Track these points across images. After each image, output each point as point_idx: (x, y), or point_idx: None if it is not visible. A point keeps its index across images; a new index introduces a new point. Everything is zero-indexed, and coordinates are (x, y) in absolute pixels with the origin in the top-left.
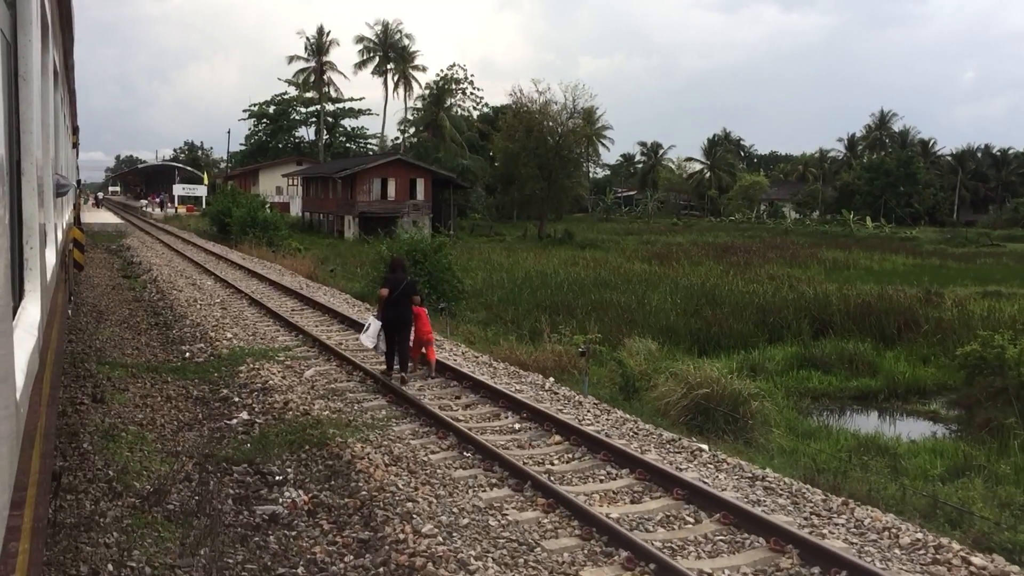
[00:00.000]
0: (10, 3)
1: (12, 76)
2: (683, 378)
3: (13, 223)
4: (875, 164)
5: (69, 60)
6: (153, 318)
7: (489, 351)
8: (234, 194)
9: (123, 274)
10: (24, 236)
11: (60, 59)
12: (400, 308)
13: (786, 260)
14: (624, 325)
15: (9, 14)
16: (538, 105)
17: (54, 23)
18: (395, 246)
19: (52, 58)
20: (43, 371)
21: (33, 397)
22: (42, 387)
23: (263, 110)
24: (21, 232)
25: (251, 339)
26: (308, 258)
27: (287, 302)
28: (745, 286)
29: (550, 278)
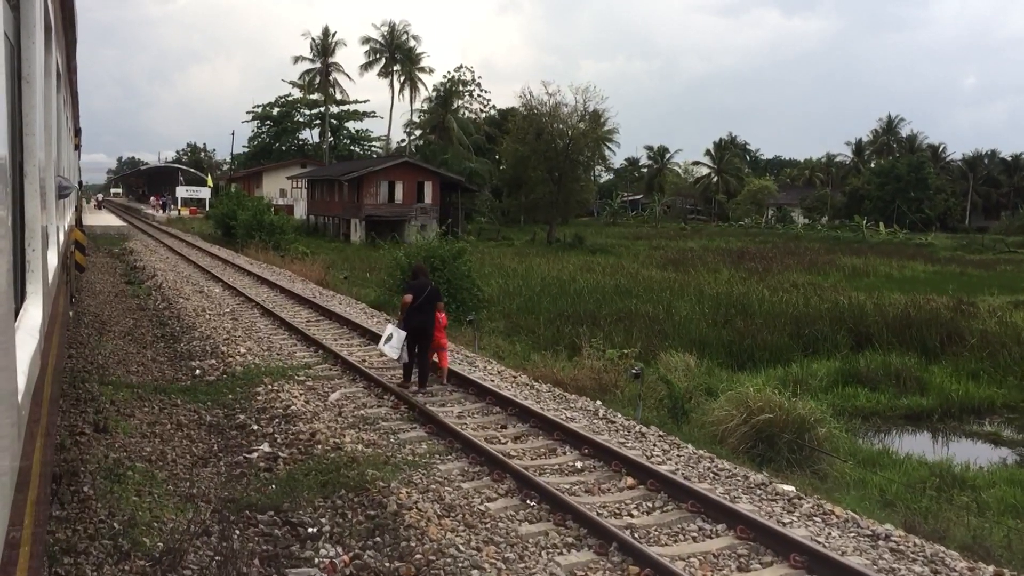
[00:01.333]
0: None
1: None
2: (742, 402)
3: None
4: (885, 169)
5: (72, 62)
6: (159, 329)
7: (522, 367)
8: (239, 197)
9: (126, 280)
10: (26, 238)
11: (63, 61)
12: (425, 315)
13: (804, 267)
14: (654, 337)
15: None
16: (548, 107)
17: (57, 25)
18: (413, 252)
19: (55, 60)
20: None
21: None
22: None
23: (267, 112)
24: (23, 234)
25: (266, 355)
26: (317, 263)
27: (301, 312)
28: (772, 295)
29: (568, 285)
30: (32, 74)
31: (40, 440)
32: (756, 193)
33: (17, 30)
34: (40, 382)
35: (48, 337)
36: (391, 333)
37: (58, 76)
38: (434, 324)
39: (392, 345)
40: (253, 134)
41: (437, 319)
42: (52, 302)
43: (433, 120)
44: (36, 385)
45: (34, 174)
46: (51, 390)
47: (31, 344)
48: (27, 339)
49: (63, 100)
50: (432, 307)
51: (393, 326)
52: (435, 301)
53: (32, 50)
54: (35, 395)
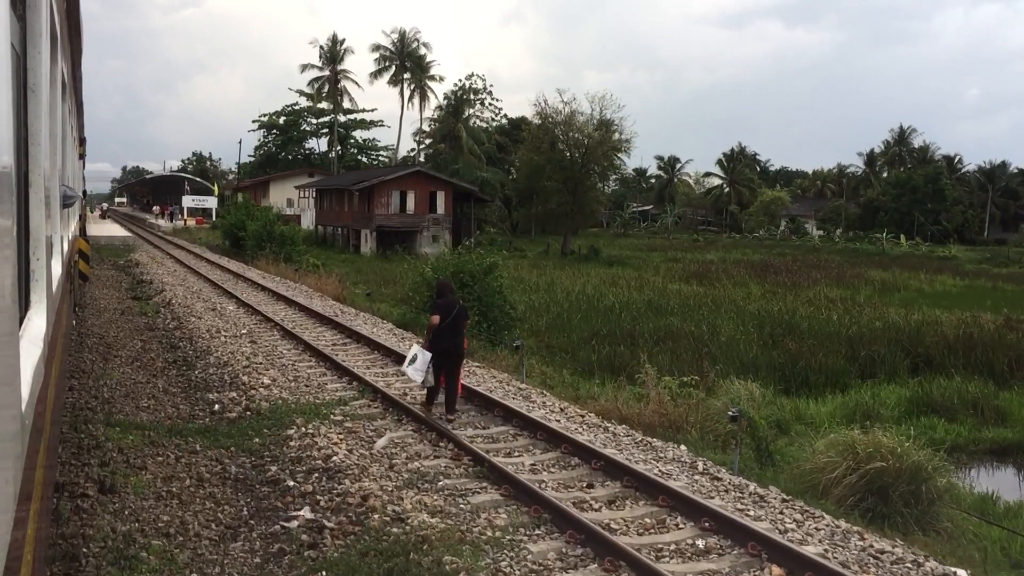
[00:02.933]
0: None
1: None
2: (848, 447)
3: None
4: (901, 180)
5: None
6: (170, 352)
7: (578, 399)
8: (248, 206)
9: (132, 295)
10: (31, 247)
11: (68, 70)
12: (454, 337)
13: (832, 280)
14: (702, 360)
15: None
16: (563, 116)
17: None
18: (441, 267)
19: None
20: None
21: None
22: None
23: (273, 120)
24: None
25: (293, 386)
26: (333, 277)
27: (324, 333)
28: (815, 312)
29: (595, 301)
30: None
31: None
32: (769, 204)
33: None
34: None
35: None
36: (415, 354)
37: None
38: (463, 345)
39: (416, 368)
40: (259, 143)
41: None
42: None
43: (443, 129)
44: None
45: (39, 183)
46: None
47: (35, 353)
48: (31, 348)
49: (68, 109)
50: (461, 328)
51: (418, 347)
52: (463, 320)
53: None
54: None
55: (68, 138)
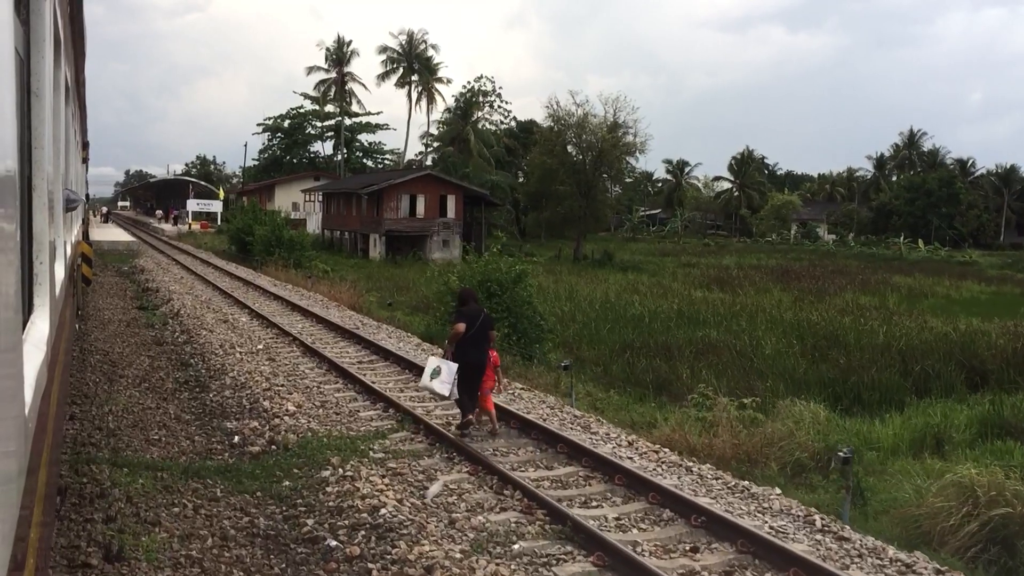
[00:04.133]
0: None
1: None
2: (966, 491)
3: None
4: (915, 184)
5: (80, 76)
6: (180, 371)
7: (631, 423)
8: (255, 211)
9: (138, 304)
10: (34, 251)
11: (72, 74)
12: (480, 348)
13: (857, 287)
14: (750, 376)
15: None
16: (576, 118)
17: (66, 39)
18: (468, 275)
19: (64, 74)
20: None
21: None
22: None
23: (277, 124)
24: (31, 247)
25: (322, 414)
26: (347, 285)
27: (348, 349)
28: (853, 321)
29: (620, 308)
30: (41, 88)
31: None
32: (780, 208)
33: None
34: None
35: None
36: (438, 366)
37: (67, 89)
38: (488, 357)
39: (443, 380)
40: (264, 146)
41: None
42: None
43: (452, 131)
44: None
45: (42, 187)
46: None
47: (38, 356)
48: (34, 351)
49: (71, 113)
50: (486, 338)
51: (438, 359)
52: (488, 329)
53: (42, 64)
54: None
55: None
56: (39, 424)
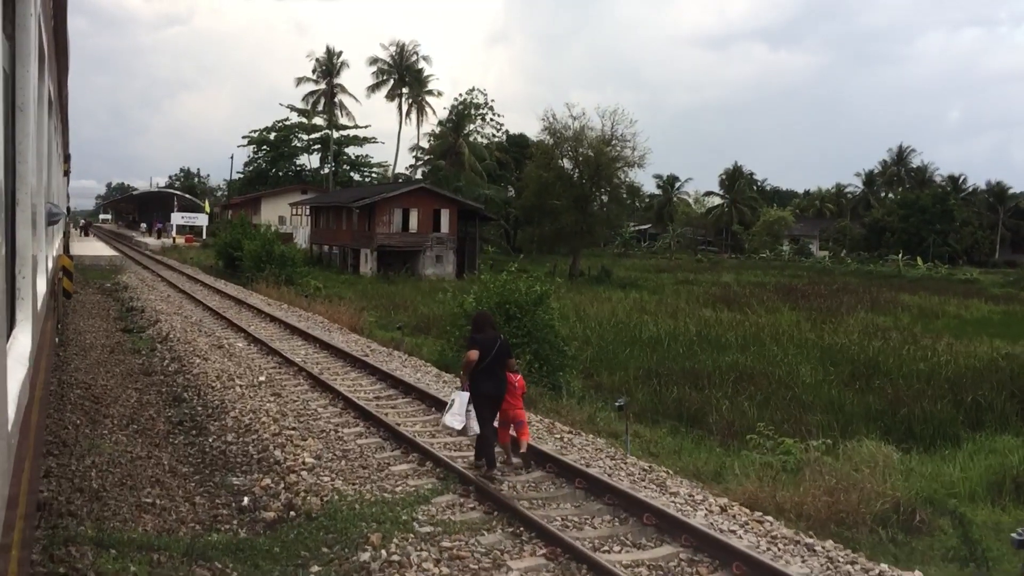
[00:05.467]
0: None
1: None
2: None
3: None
4: (909, 201)
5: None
6: (173, 408)
7: (694, 472)
8: (244, 225)
9: (122, 326)
10: (17, 265)
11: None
12: (497, 377)
13: (866, 306)
14: (793, 407)
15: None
16: (573, 131)
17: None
18: (484, 295)
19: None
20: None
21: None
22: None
23: (263, 136)
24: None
25: (346, 468)
26: (345, 304)
27: (361, 381)
28: (885, 345)
29: (631, 329)
30: (26, 103)
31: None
32: (773, 224)
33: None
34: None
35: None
36: (453, 399)
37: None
38: (506, 388)
39: (454, 412)
40: (249, 159)
41: (511, 382)
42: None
43: (444, 144)
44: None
45: (26, 202)
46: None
47: (20, 372)
48: (17, 367)
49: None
50: (503, 367)
51: (456, 391)
52: (506, 358)
53: (26, 79)
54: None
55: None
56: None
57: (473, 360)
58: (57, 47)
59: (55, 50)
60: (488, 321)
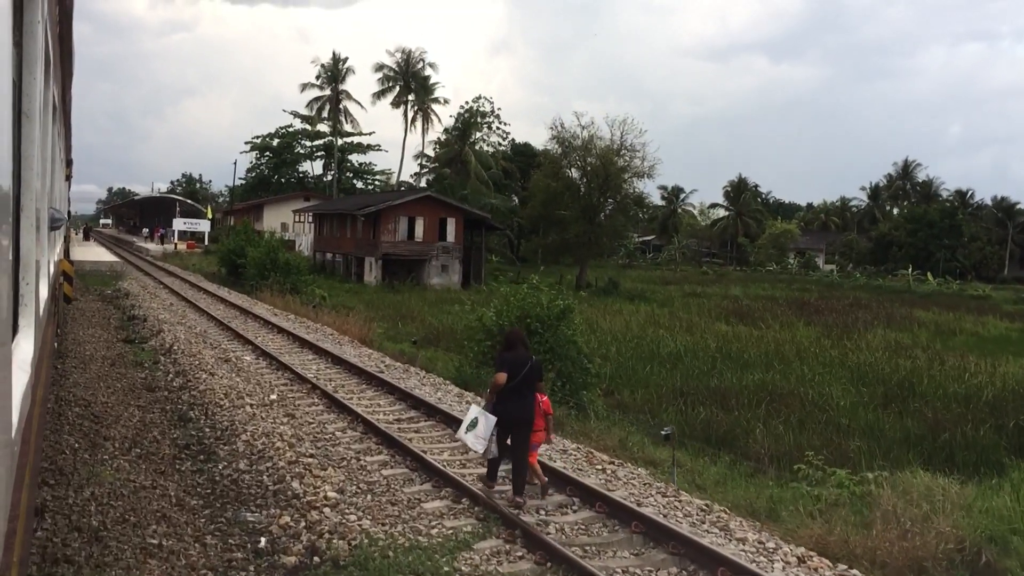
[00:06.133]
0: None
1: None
2: None
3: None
4: (917, 215)
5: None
6: (179, 429)
7: (750, 509)
8: (247, 231)
9: (124, 336)
10: (20, 271)
11: (59, 93)
12: (524, 399)
13: (881, 322)
14: (830, 431)
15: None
16: (582, 140)
17: (55, 60)
18: (505, 309)
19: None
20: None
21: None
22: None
23: (266, 143)
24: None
25: (373, 504)
26: (353, 316)
27: (379, 401)
28: (907, 364)
29: (648, 344)
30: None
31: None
32: (778, 237)
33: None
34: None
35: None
36: (475, 417)
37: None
38: (534, 412)
39: (478, 434)
40: (251, 165)
41: (537, 404)
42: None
43: (450, 153)
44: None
45: (30, 208)
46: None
47: (23, 379)
48: (20, 374)
49: (57, 132)
50: (532, 388)
51: (478, 408)
52: (536, 380)
53: (33, 86)
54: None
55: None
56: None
57: (501, 383)
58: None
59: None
60: (520, 339)
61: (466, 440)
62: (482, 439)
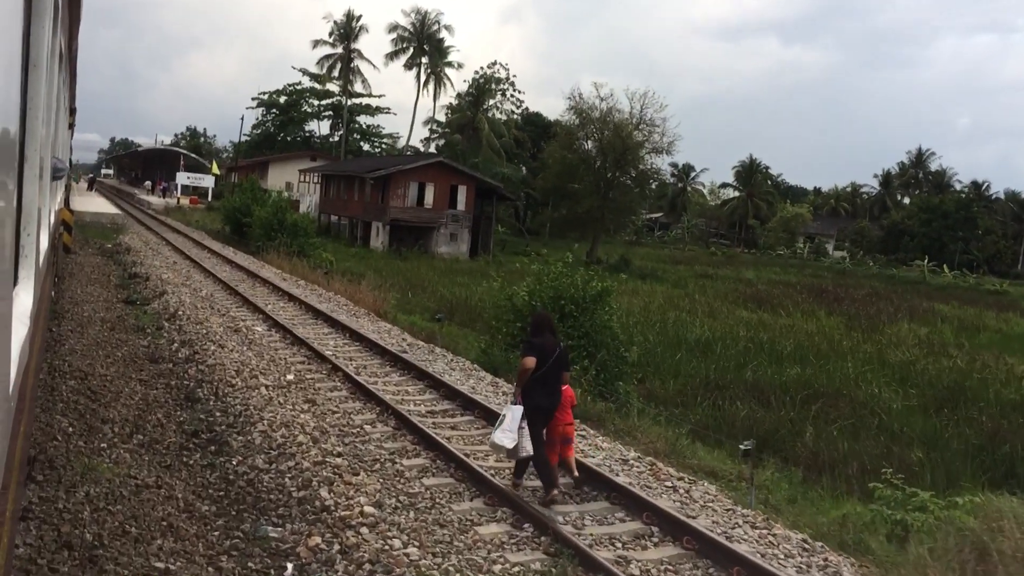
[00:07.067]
0: None
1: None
2: None
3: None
4: (932, 205)
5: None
6: (186, 410)
7: (839, 539)
8: (254, 189)
9: (124, 296)
10: (22, 222)
11: (65, 42)
12: (552, 389)
13: (904, 314)
14: (878, 437)
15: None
16: (600, 112)
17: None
18: (537, 289)
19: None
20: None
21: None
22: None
23: (273, 99)
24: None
25: (419, 527)
26: (367, 283)
27: (407, 387)
28: (949, 363)
29: (673, 329)
30: (39, 59)
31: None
32: (789, 221)
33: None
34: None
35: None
36: (504, 414)
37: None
38: (560, 401)
39: (505, 428)
40: (257, 122)
41: None
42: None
43: (462, 119)
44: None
45: (34, 159)
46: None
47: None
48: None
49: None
50: (559, 378)
51: (509, 405)
52: (565, 369)
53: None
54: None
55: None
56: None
57: (530, 369)
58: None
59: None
60: (548, 324)
61: (496, 439)
62: (510, 432)
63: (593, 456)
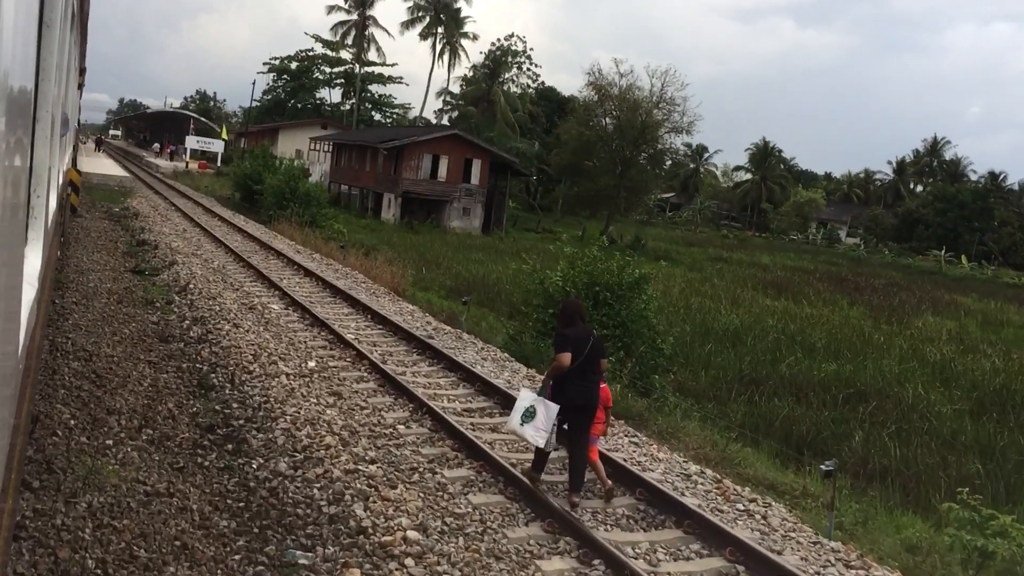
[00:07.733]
0: None
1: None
2: None
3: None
4: (948, 194)
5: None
6: (199, 400)
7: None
8: (265, 156)
9: (132, 264)
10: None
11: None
12: (588, 383)
13: (927, 306)
14: (929, 443)
15: None
16: (619, 89)
17: None
18: (571, 273)
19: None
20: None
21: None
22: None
23: (284, 65)
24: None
25: (472, 560)
26: (382, 259)
27: (438, 379)
28: (991, 366)
29: (700, 316)
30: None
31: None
32: (803, 206)
33: None
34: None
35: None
36: (531, 406)
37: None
38: (598, 396)
39: (538, 427)
40: (268, 88)
41: None
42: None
43: (477, 91)
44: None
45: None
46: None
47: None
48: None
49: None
50: (595, 369)
51: (532, 394)
52: (599, 359)
53: None
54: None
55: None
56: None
57: (565, 365)
58: None
59: None
60: (579, 312)
61: (524, 433)
62: (543, 431)
63: (653, 469)
